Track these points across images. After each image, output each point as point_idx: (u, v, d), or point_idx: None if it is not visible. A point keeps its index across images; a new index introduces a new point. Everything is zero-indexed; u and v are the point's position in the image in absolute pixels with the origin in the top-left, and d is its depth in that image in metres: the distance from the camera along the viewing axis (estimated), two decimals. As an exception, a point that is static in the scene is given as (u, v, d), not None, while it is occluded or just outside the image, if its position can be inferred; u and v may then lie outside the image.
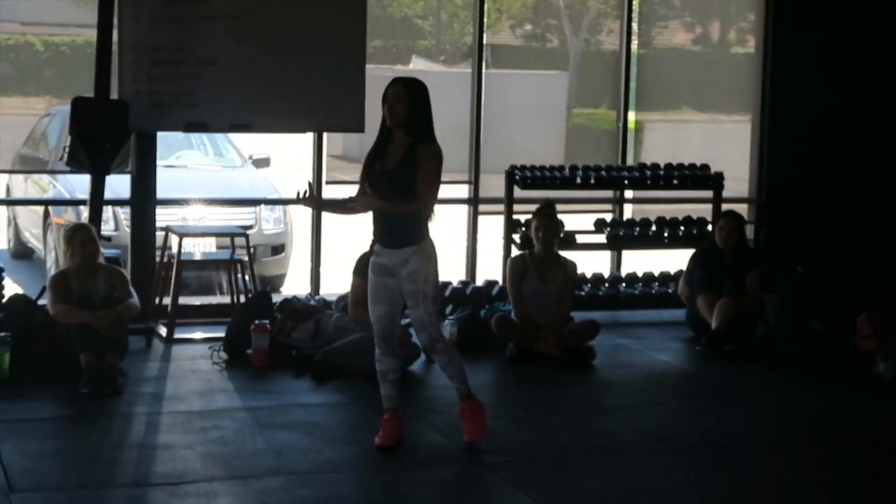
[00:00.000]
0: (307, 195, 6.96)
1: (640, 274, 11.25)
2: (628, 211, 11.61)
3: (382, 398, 7.06)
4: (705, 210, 11.11)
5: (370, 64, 10.19)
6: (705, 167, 11.11)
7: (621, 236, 10.97)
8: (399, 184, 6.76)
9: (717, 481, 6.79)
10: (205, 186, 11.50)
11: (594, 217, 11.06)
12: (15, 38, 11.51)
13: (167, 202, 10.30)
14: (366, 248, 8.91)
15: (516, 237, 10.48)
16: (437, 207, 6.90)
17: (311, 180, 7.01)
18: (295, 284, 11.65)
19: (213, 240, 10.69)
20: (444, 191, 7.19)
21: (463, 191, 10.91)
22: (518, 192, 10.62)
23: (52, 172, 11.55)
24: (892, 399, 8.52)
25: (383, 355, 6.99)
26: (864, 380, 8.86)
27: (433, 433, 7.34)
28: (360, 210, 6.92)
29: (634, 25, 11.49)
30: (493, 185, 10.85)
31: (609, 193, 11.39)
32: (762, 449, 7.39)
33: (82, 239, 8.39)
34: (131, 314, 8.40)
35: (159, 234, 9.85)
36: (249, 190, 11.86)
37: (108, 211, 10.59)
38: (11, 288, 9.76)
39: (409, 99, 6.80)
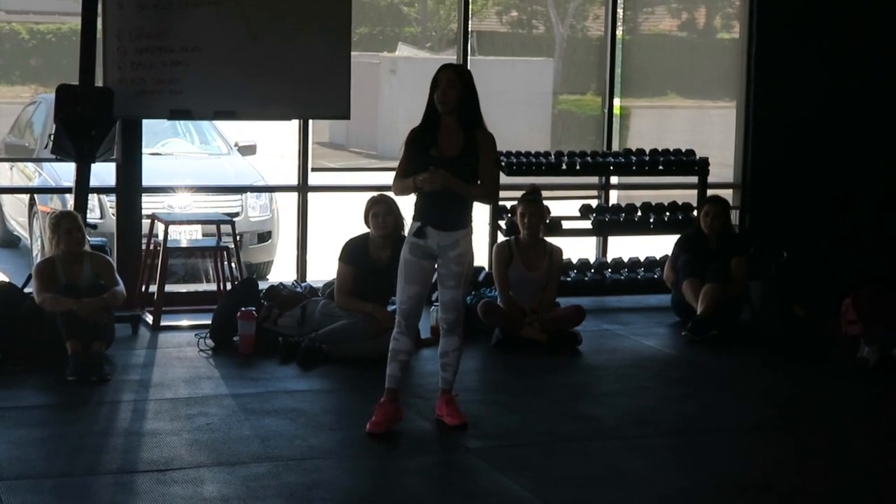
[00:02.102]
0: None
1: (625, 259, 11.28)
2: (614, 197, 11.65)
3: (386, 377, 7.07)
4: (691, 195, 11.13)
5: (356, 51, 10.18)
6: (690, 153, 11.13)
7: (607, 222, 10.99)
8: (464, 170, 6.89)
9: (702, 464, 6.82)
10: (191, 174, 11.50)
11: (580, 203, 11.08)
12: (0, 26, 11.50)
13: (153, 190, 10.30)
14: (353, 234, 8.97)
15: (502, 223, 10.49)
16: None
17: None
18: (281, 271, 11.65)
19: (199, 227, 10.68)
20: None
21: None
22: (504, 179, 10.59)
23: (38, 160, 11.54)
24: (876, 383, 8.55)
25: (401, 335, 7.04)
26: (849, 364, 8.89)
27: (419, 419, 7.35)
28: (428, 187, 6.84)
29: (620, 11, 11.50)
30: (479, 171, 10.84)
31: (595, 179, 11.41)
32: (747, 432, 7.43)
33: (68, 227, 8.39)
34: (117, 302, 8.40)
35: (145, 222, 9.85)
36: (235, 177, 11.85)
37: (93, 199, 10.59)
38: (-3, 276, 9.77)
39: (461, 84, 6.92)
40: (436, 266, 7.05)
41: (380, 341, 8.27)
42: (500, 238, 10.19)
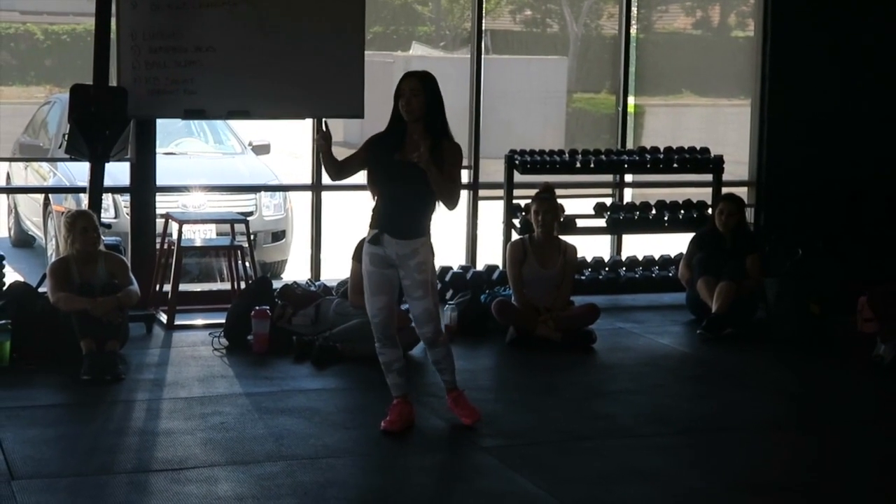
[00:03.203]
0: (327, 133, 6.92)
1: (640, 258, 11.26)
2: (628, 195, 11.63)
3: (390, 387, 7.11)
4: (705, 193, 11.11)
5: (370, 50, 10.18)
6: (705, 150, 11.11)
7: (621, 220, 10.97)
8: (427, 175, 6.78)
9: (717, 463, 6.79)
10: (205, 173, 11.51)
11: (594, 201, 11.06)
12: (15, 26, 11.52)
13: (167, 189, 10.31)
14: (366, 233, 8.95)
15: (516, 222, 10.49)
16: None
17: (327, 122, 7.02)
18: (295, 270, 11.66)
19: (213, 226, 10.69)
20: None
21: (463, 176, 10.89)
22: (518, 177, 10.62)
23: (52, 160, 11.56)
24: (891, 381, 8.52)
25: (384, 347, 7.03)
26: (865, 362, 8.86)
27: (433, 417, 7.35)
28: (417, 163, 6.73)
29: (634, 10, 11.49)
30: (493, 169, 10.86)
31: (609, 177, 11.41)
32: (762, 431, 7.41)
33: (83, 226, 8.40)
34: (131, 301, 8.40)
35: (159, 222, 9.86)
36: (249, 177, 11.86)
37: (108, 198, 10.61)
38: (12, 276, 9.78)
39: (426, 93, 6.86)
40: (400, 277, 6.98)
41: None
42: (515, 236, 10.18)
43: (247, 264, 9.75)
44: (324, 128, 6.97)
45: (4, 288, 9.05)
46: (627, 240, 11.60)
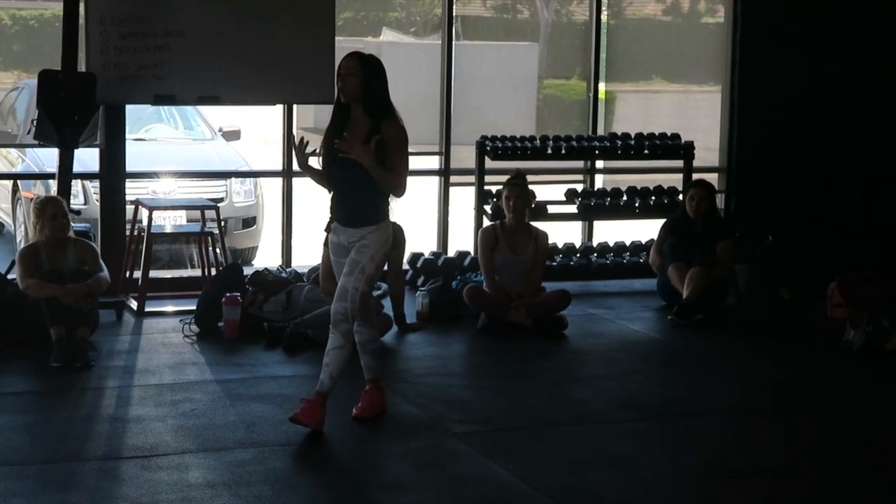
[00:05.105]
0: (301, 147, 6.71)
1: (611, 244, 11.28)
2: (599, 181, 11.65)
3: (364, 369, 6.98)
4: (676, 180, 11.13)
5: (340, 36, 10.17)
6: (676, 137, 11.13)
7: (592, 206, 10.98)
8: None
9: (688, 448, 6.81)
10: (175, 159, 11.46)
11: (565, 187, 11.07)
12: (-18, 12, 11.45)
13: (137, 175, 10.27)
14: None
15: (487, 208, 10.49)
16: (408, 179, 6.82)
17: (303, 136, 6.82)
18: (266, 257, 11.63)
19: (183, 213, 10.63)
20: (415, 162, 7.16)
21: (434, 162, 10.90)
22: (489, 163, 10.62)
23: (21, 146, 11.48)
24: (861, 366, 8.56)
25: (360, 326, 6.85)
26: (834, 347, 8.90)
27: (405, 403, 7.34)
28: (348, 152, 6.55)
29: (605, -4, 11.50)
30: (464, 156, 10.86)
31: (580, 164, 11.42)
32: (733, 416, 7.43)
33: (52, 212, 8.35)
34: (101, 288, 8.37)
35: (129, 208, 9.81)
36: (220, 163, 11.81)
37: (77, 184, 10.55)
38: (-19, 263, 9.71)
39: (362, 73, 6.64)
40: None
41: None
42: (486, 222, 10.18)
43: (217, 251, 9.72)
44: (296, 142, 6.75)
45: (-27, 275, 8.99)
46: (598, 226, 11.62)
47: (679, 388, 7.97)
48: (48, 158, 10.21)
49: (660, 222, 10.45)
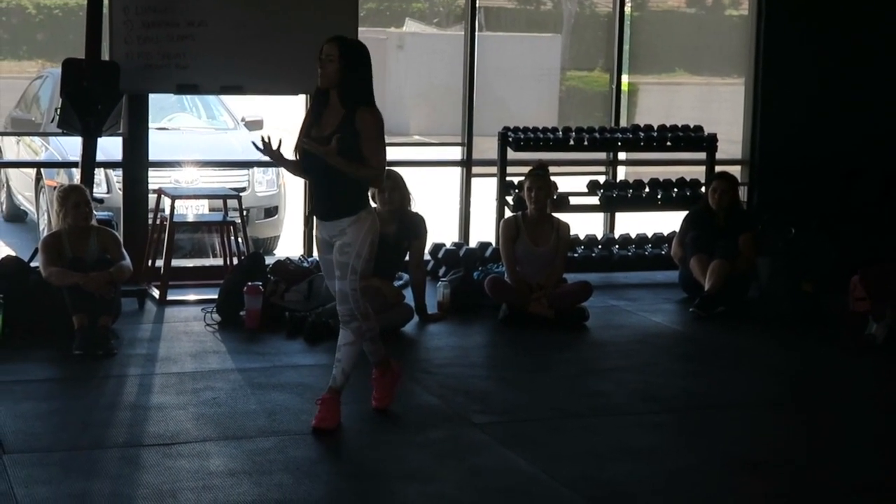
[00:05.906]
0: (268, 146, 6.62)
1: (633, 235, 11.25)
2: (621, 172, 11.63)
3: (367, 355, 6.85)
4: (699, 172, 11.10)
5: (363, 27, 10.15)
6: (699, 129, 11.10)
7: (615, 198, 10.97)
8: (339, 149, 6.38)
9: (710, 441, 6.80)
10: (197, 149, 11.48)
11: (587, 179, 11.05)
12: (7, 0, 11.48)
13: (159, 164, 10.29)
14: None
15: (509, 199, 10.48)
16: (430, 170, 6.74)
17: (268, 134, 6.68)
18: (288, 246, 11.64)
19: (205, 202, 10.66)
20: (438, 153, 7.14)
21: (456, 153, 10.89)
22: (511, 154, 10.60)
23: (44, 135, 11.53)
24: (884, 360, 8.53)
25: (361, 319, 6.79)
26: (857, 341, 8.87)
27: (426, 394, 7.34)
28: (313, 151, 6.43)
29: (628, -13, 11.47)
30: (487, 147, 10.85)
31: (602, 155, 11.40)
32: (754, 409, 7.41)
33: (76, 201, 8.37)
34: (123, 276, 8.38)
35: (151, 197, 9.83)
36: (242, 152, 11.79)
37: (100, 173, 10.58)
38: (4, 250, 9.76)
39: (342, 59, 6.42)
40: None
41: (386, 316, 8.27)
42: (508, 213, 10.17)
43: (239, 240, 9.73)
44: (260, 145, 6.62)
45: (-4, 263, 9.03)
46: (620, 217, 11.59)
47: (700, 381, 7.95)
48: (71, 147, 10.25)
49: (682, 214, 10.41)
